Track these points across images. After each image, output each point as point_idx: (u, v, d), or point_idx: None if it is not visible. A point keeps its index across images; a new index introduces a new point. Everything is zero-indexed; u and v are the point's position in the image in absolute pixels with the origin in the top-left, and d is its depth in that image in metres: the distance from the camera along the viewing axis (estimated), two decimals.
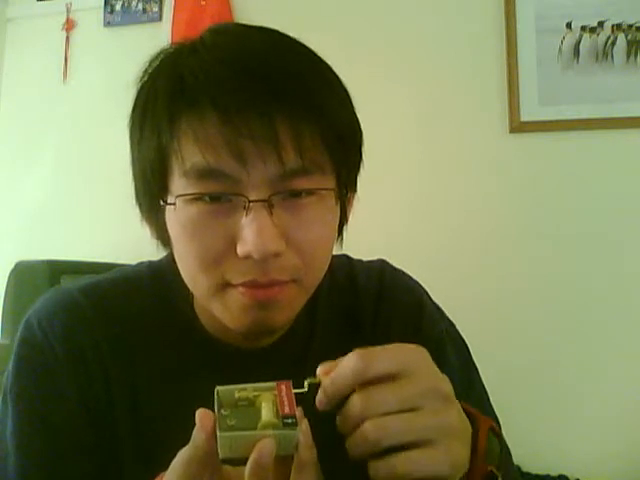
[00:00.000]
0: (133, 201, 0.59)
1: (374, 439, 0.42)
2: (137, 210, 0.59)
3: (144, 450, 0.59)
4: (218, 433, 0.40)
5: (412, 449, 0.42)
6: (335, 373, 0.43)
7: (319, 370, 0.45)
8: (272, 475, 0.41)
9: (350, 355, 0.44)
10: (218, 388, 0.43)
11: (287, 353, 0.63)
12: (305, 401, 0.43)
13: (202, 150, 0.50)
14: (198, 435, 0.41)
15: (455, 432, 0.44)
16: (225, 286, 0.53)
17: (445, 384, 0.45)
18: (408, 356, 0.45)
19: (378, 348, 0.44)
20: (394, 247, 1.21)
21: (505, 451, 0.52)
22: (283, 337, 0.62)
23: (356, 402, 0.42)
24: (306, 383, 0.44)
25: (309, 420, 0.42)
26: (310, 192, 0.52)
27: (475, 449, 0.46)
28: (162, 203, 0.54)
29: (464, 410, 0.47)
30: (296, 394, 0.43)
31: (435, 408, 0.43)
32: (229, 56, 0.51)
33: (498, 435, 0.50)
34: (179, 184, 0.52)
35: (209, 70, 0.50)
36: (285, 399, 0.42)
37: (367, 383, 0.43)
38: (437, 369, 0.46)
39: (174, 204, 0.52)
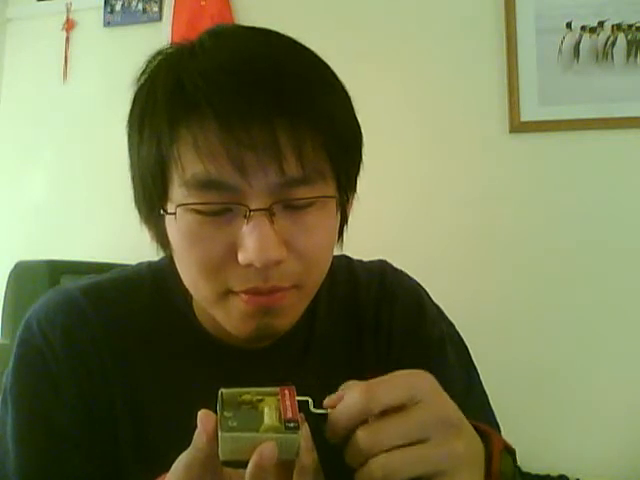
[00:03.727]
0: (133, 202, 0.59)
1: (381, 478, 0.41)
2: (137, 211, 0.59)
3: (144, 450, 0.59)
4: (220, 433, 0.40)
5: None
6: (339, 409, 0.42)
7: (326, 402, 0.44)
8: (273, 479, 0.41)
9: (354, 390, 0.42)
10: (222, 390, 0.43)
11: (288, 353, 0.63)
12: (314, 431, 0.42)
13: (203, 159, 0.49)
14: (199, 437, 0.41)
15: (464, 461, 0.43)
16: (227, 293, 0.53)
17: (453, 411, 0.44)
18: (414, 385, 0.43)
19: (382, 379, 0.43)
20: (394, 247, 1.22)
21: (517, 468, 0.52)
22: (284, 337, 0.61)
23: (361, 438, 0.41)
24: (312, 407, 0.43)
25: (317, 446, 0.42)
26: (311, 200, 0.52)
27: (489, 472, 0.46)
28: (162, 212, 0.54)
29: (476, 428, 0.46)
30: (299, 401, 0.43)
31: (443, 438, 0.42)
32: (228, 61, 0.51)
33: (512, 452, 0.50)
34: (179, 193, 0.51)
35: (208, 76, 0.50)
36: (288, 404, 0.42)
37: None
38: (445, 395, 0.45)
39: (174, 214, 0.52)
